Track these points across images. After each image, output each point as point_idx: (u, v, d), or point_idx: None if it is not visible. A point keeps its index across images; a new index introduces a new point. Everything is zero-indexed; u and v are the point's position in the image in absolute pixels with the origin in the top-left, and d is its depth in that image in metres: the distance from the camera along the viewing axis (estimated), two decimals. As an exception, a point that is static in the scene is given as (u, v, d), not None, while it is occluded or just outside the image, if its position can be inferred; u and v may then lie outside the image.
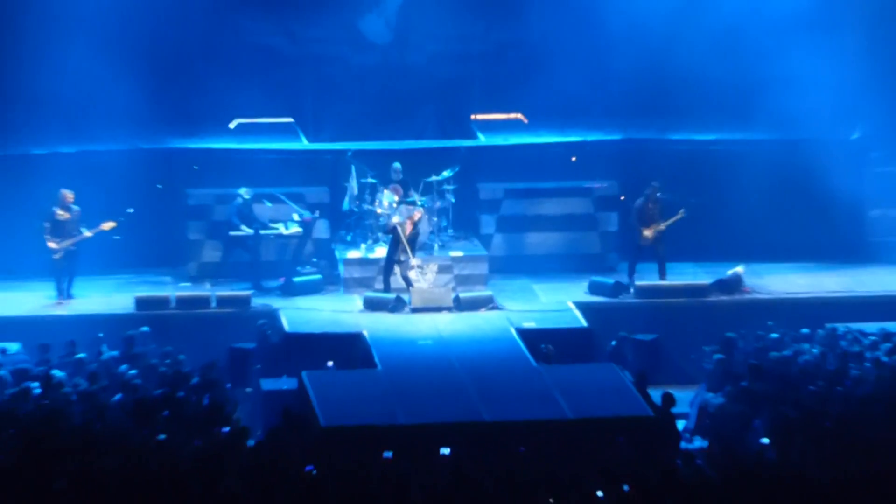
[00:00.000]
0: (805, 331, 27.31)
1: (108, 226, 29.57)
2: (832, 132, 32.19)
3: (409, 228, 29.58)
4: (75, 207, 29.58)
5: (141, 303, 29.17)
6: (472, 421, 23.43)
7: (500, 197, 31.66)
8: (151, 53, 31.57)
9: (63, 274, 29.62)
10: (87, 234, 29.51)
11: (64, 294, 29.59)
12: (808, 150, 31.91)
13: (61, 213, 29.53)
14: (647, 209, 30.26)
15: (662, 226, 30.15)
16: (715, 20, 31.74)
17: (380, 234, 30.46)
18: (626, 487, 19.48)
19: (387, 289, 29.57)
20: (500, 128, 32.79)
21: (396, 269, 29.63)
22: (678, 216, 30.17)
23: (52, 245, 29.47)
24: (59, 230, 29.52)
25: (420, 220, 29.83)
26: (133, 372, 25.24)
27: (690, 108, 32.18)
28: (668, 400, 24.03)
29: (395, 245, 29.51)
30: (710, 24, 31.74)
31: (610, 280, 30.23)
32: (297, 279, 30.36)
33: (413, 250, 29.50)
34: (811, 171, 31.54)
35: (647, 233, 30.23)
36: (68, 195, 29.54)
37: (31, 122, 31.07)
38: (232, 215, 30.55)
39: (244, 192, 30.51)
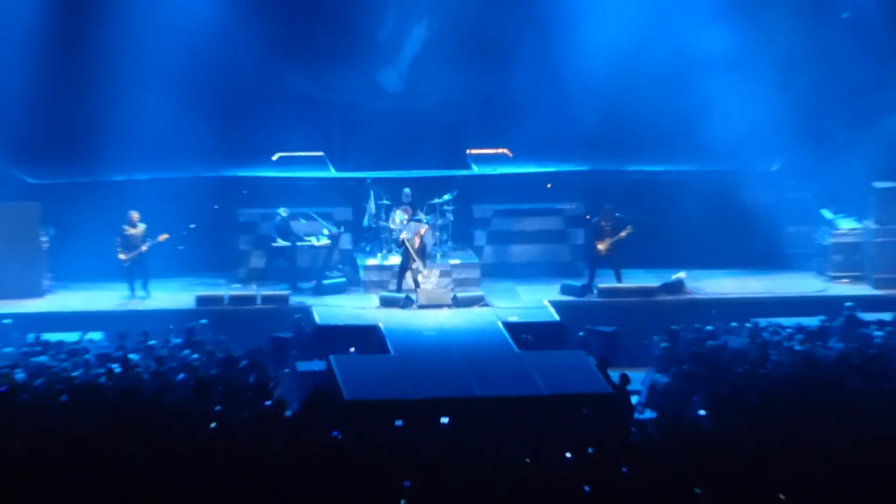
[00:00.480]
0: (734, 324, 27.28)
1: (163, 237, 29.59)
2: (757, 164, 32.12)
3: (416, 241, 29.61)
4: (141, 224, 29.57)
5: (200, 300, 29.15)
6: (466, 396, 23.45)
7: (490, 216, 31.63)
8: (212, 99, 31.52)
9: (134, 277, 29.59)
10: (150, 243, 29.50)
11: (134, 293, 29.53)
12: (737, 178, 31.84)
13: (129, 230, 29.54)
14: (601, 227, 30.21)
15: (623, 234, 30.06)
16: (659, 73, 31.70)
17: (393, 246, 30.46)
18: (590, 450, 19.51)
19: (399, 289, 29.57)
20: (489, 160, 32.72)
21: (408, 274, 29.65)
22: (626, 231, 30.14)
23: (121, 256, 29.46)
24: (128, 243, 29.53)
25: (426, 234, 29.85)
26: (194, 356, 25.28)
27: (642, 145, 32.10)
28: (624, 379, 24.06)
29: (406, 255, 29.53)
30: (655, 77, 31.69)
31: (578, 283, 30.19)
32: (326, 282, 30.34)
33: (422, 259, 29.51)
34: (740, 195, 31.52)
35: (601, 246, 30.18)
36: (134, 215, 29.55)
37: (113, 154, 31.06)
38: (272, 230, 30.56)
39: (282, 211, 30.50)
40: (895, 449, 19.53)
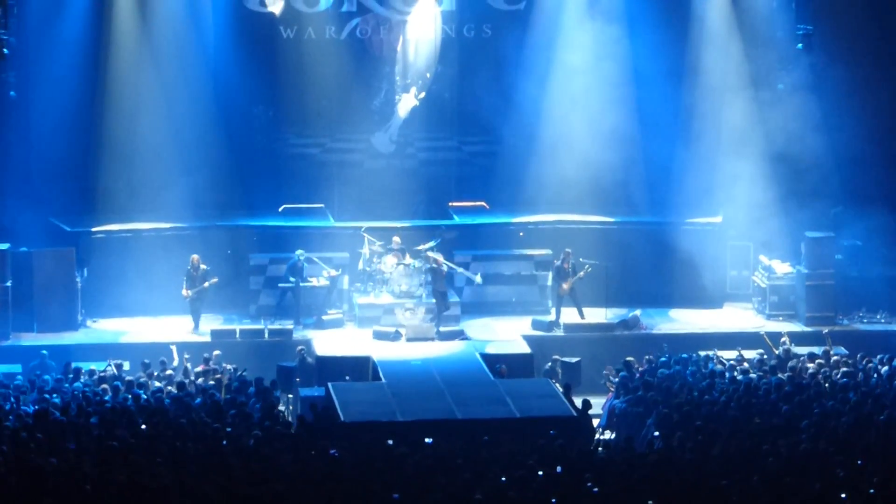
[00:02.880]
0: (683, 356, 27.26)
1: (214, 280, 29.63)
2: (704, 216, 32.19)
3: (441, 259, 29.61)
4: (203, 266, 29.63)
5: (215, 333, 29.15)
6: (448, 418, 23.52)
7: (470, 261, 31.41)
8: (228, 157, 31.72)
9: (197, 310, 29.70)
10: (206, 285, 29.58)
11: (198, 326, 29.63)
12: (686, 228, 31.92)
13: (192, 271, 29.60)
14: (563, 269, 30.29)
15: (581, 274, 30.13)
16: (617, 134, 31.90)
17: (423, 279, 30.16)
18: (559, 469, 19.54)
19: (439, 315, 29.46)
20: (469, 212, 32.74)
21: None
22: (585, 271, 30.21)
23: (183, 293, 29.51)
24: (190, 282, 29.59)
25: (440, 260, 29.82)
26: (210, 383, 25.29)
27: (603, 199, 32.21)
28: (587, 405, 24.12)
29: (438, 279, 29.47)
30: (613, 137, 31.87)
31: (546, 319, 30.27)
32: (325, 317, 30.28)
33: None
34: (689, 243, 31.56)
35: (565, 285, 30.27)
36: (195, 258, 29.63)
37: (139, 205, 31.32)
38: (288, 269, 30.42)
39: (300, 254, 30.47)
40: (821, 463, 19.70)
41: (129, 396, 23.83)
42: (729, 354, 27.49)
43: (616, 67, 31.94)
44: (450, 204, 32.91)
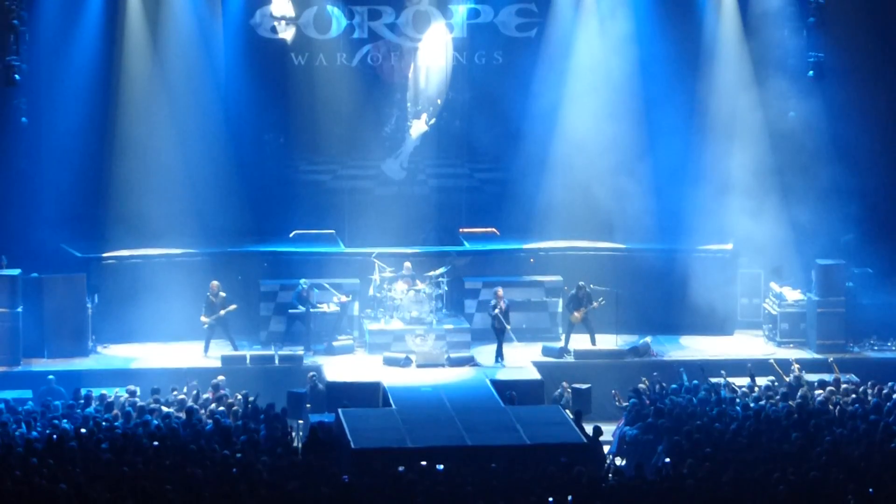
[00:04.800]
0: (694, 382, 27.28)
1: (232, 307, 29.79)
2: (714, 243, 32.26)
3: (501, 305, 29.72)
4: (222, 294, 29.77)
5: (225, 359, 29.28)
6: (458, 445, 23.58)
7: (479, 287, 31.53)
8: (239, 184, 31.88)
9: (211, 337, 29.79)
10: (222, 313, 29.72)
11: (207, 352, 29.72)
12: (697, 255, 31.98)
13: (211, 297, 29.74)
14: (576, 297, 30.38)
15: (595, 304, 30.20)
16: (635, 165, 32.06)
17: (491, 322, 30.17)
18: (569, 496, 19.58)
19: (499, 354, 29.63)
20: (479, 238, 32.84)
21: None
22: (598, 302, 30.29)
23: (202, 319, 29.66)
24: (209, 308, 29.72)
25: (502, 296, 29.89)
26: (220, 409, 25.36)
27: (613, 226, 32.30)
28: (598, 431, 24.18)
29: (498, 318, 29.59)
30: (623, 166, 31.99)
31: (557, 346, 30.34)
32: (336, 343, 30.39)
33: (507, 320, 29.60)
34: (700, 270, 31.62)
35: (577, 314, 30.34)
36: (214, 285, 29.76)
37: (150, 231, 31.36)
38: (294, 298, 30.59)
39: (304, 283, 30.60)
40: (832, 491, 19.76)
41: (140, 422, 23.91)
42: (740, 381, 27.50)
43: (627, 95, 32.10)
44: (460, 230, 33.00)
